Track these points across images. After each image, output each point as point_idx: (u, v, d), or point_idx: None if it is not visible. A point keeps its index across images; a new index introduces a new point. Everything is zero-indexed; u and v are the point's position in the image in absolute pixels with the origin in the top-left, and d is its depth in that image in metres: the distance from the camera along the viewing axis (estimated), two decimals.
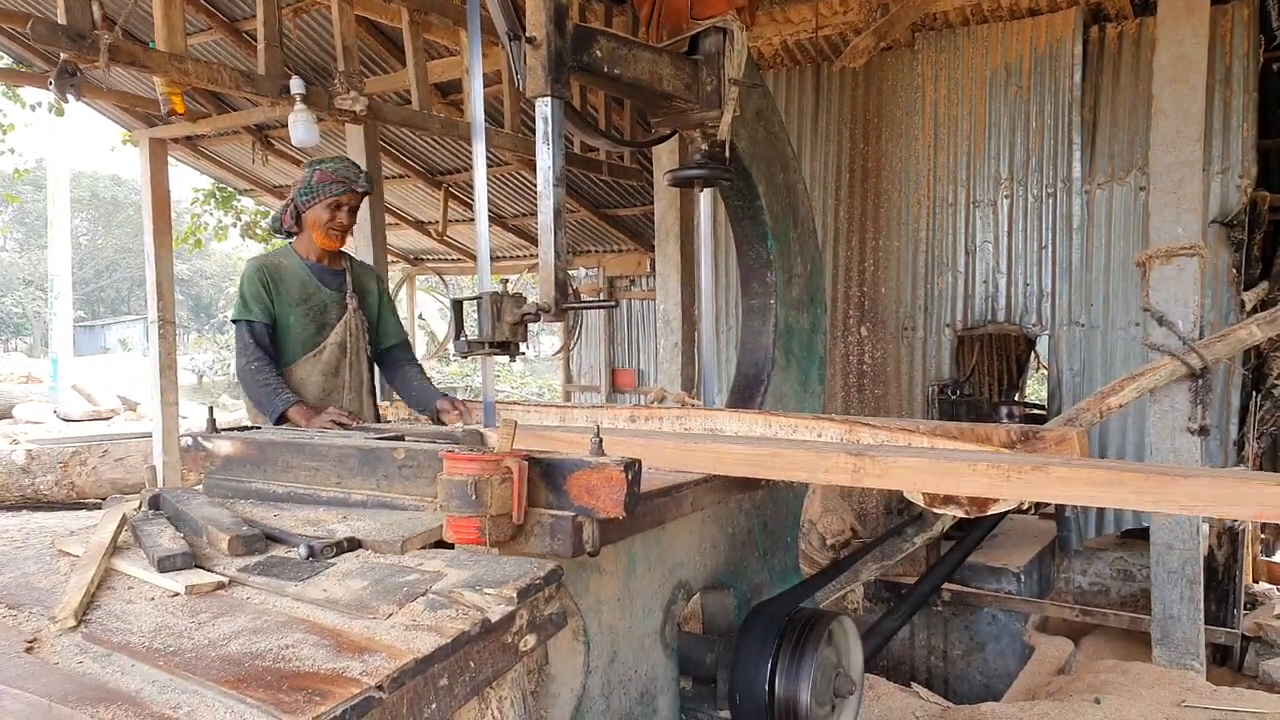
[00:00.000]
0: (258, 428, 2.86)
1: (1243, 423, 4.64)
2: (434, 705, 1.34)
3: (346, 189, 3.30)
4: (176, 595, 1.62)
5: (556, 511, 1.79)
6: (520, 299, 2.54)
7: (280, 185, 9.36)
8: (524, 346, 2.59)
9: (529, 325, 2.53)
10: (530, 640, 1.57)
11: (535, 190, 2.45)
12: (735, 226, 3.42)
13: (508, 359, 2.60)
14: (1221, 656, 4.82)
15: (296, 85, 4.60)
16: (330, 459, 2.16)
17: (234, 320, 3.30)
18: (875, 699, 3.95)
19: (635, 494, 1.77)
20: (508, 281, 2.71)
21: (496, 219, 9.59)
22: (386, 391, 3.88)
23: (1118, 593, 5.11)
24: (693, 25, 3.01)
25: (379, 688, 1.23)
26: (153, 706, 1.20)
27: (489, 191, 3.01)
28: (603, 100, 6.48)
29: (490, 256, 2.75)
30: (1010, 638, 4.92)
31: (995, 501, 2.05)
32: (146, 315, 7.55)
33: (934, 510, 2.22)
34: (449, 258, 11.24)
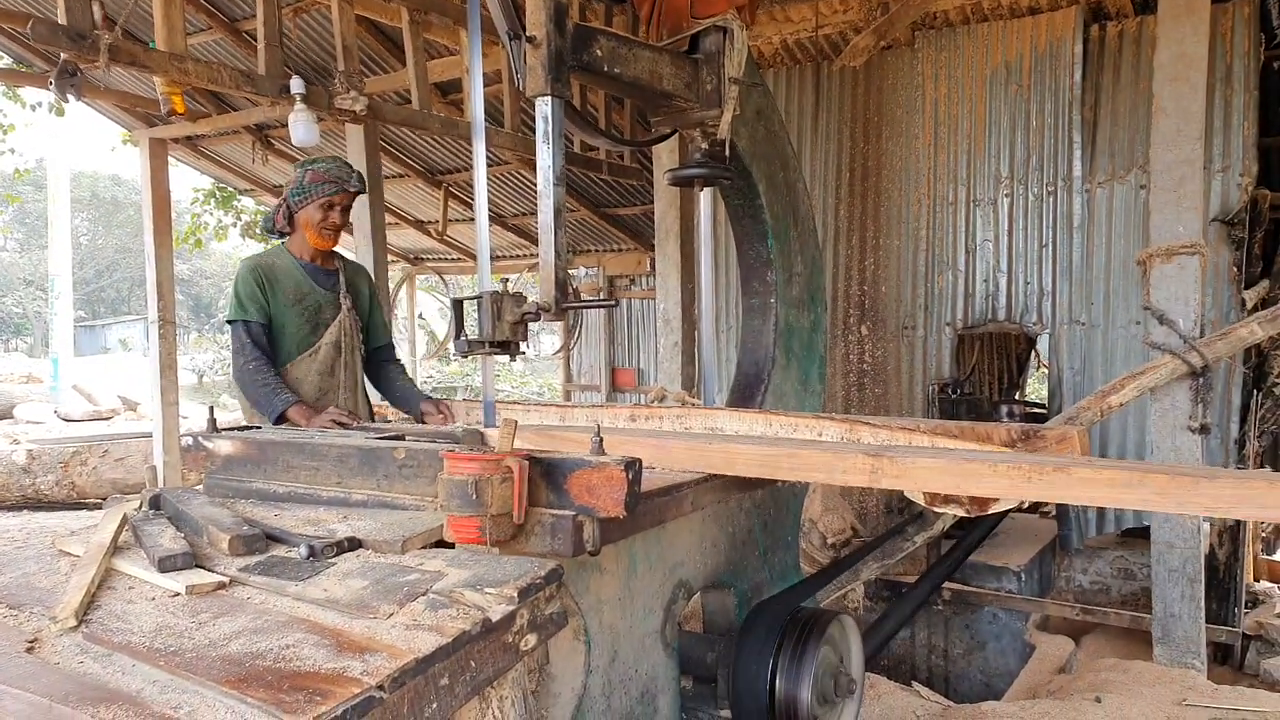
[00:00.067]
0: (258, 427, 2.86)
1: (1243, 421, 4.63)
2: (435, 705, 1.34)
3: (339, 189, 3.30)
4: (177, 595, 1.62)
5: (557, 511, 1.79)
6: (520, 298, 2.54)
7: (280, 185, 9.31)
8: (524, 346, 2.59)
9: (529, 324, 2.53)
10: (531, 640, 1.57)
11: (535, 189, 2.45)
12: (735, 225, 3.42)
13: (508, 358, 2.60)
14: (1222, 655, 4.82)
15: (296, 85, 4.60)
16: (331, 459, 2.16)
17: (230, 321, 3.29)
18: (876, 698, 3.95)
19: (636, 493, 1.77)
20: (508, 281, 2.71)
21: (496, 218, 9.59)
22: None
23: (1118, 591, 5.11)
24: (693, 24, 3.01)
25: (380, 687, 1.23)
26: (153, 707, 1.20)
27: (489, 191, 3.01)
28: (603, 99, 6.48)
29: (490, 256, 2.75)
30: (1011, 636, 4.91)
31: (996, 501, 2.04)
32: (147, 315, 7.55)
33: (934, 509, 2.22)
34: (449, 257, 11.24)
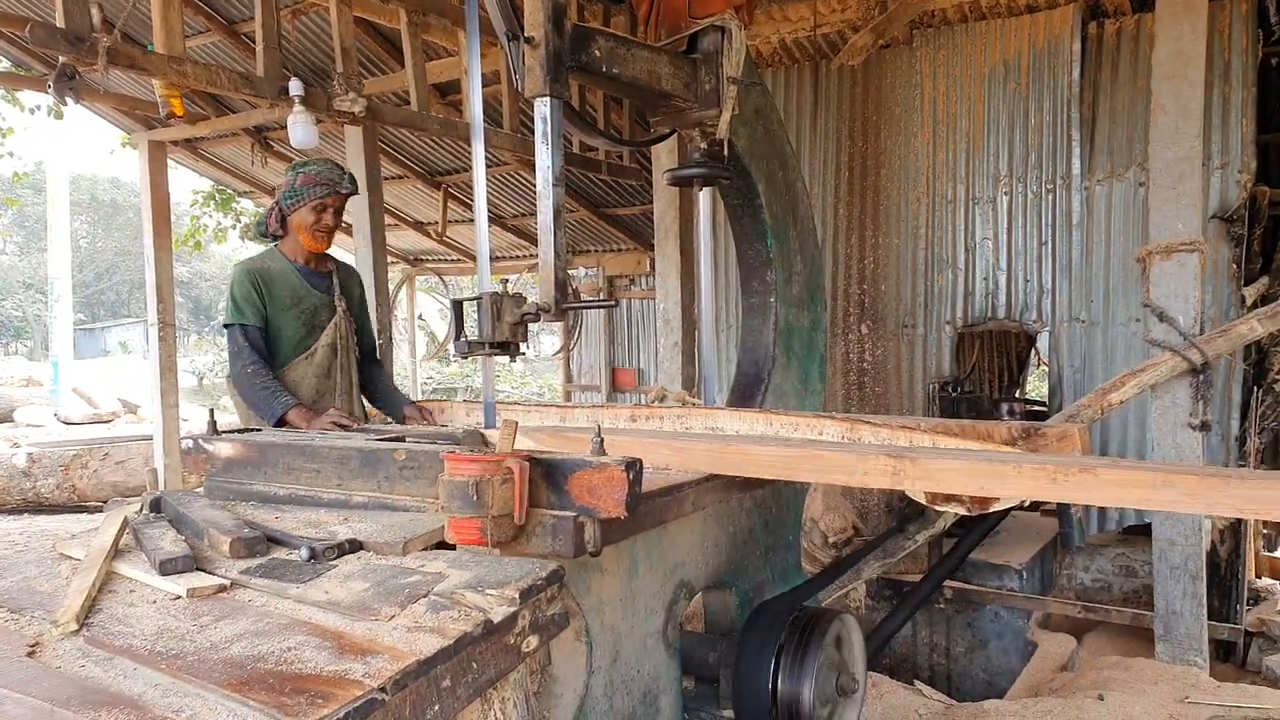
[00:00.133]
0: (258, 430, 2.86)
1: (1244, 418, 4.63)
2: (436, 707, 1.33)
3: (331, 191, 3.30)
4: (178, 598, 1.61)
5: (558, 512, 1.79)
6: (520, 299, 2.54)
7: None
8: (524, 346, 2.59)
9: (529, 325, 2.54)
10: (533, 641, 1.57)
11: (534, 190, 2.45)
12: (735, 225, 3.42)
13: (508, 359, 2.60)
14: (1224, 652, 4.81)
15: (295, 87, 4.60)
16: (331, 461, 2.15)
17: (227, 325, 3.29)
18: (878, 697, 3.95)
19: (636, 494, 1.77)
20: (507, 281, 2.70)
21: (496, 219, 9.59)
22: None
23: (1120, 589, 5.11)
24: (691, 24, 3.01)
25: (381, 690, 1.23)
26: (155, 710, 1.20)
27: (488, 192, 3.01)
28: (601, 100, 6.48)
29: (490, 256, 2.75)
30: (1013, 635, 4.91)
31: (997, 499, 2.04)
32: (146, 318, 7.55)
33: (936, 508, 2.21)
34: (448, 258, 11.24)
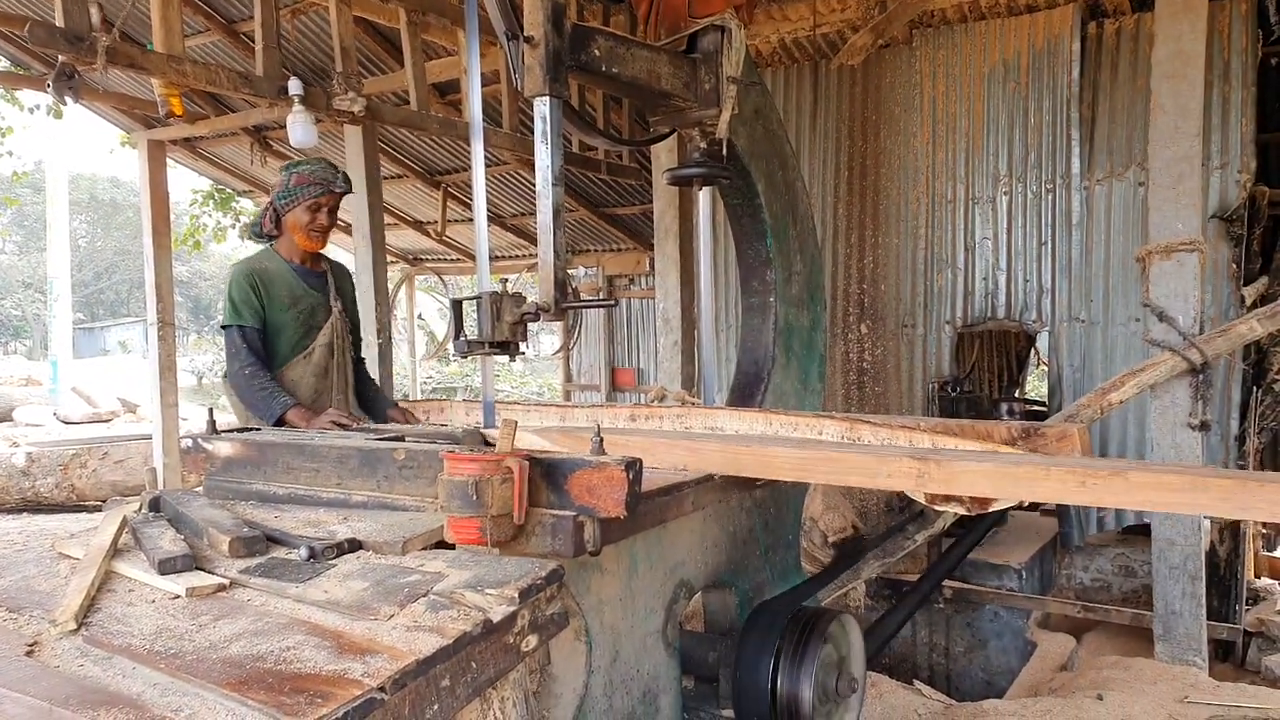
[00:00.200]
0: (257, 429, 2.86)
1: (1244, 418, 4.63)
2: (436, 706, 1.33)
3: (325, 190, 3.31)
4: (177, 597, 1.61)
5: (558, 511, 1.79)
6: (520, 298, 2.54)
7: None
8: (524, 346, 2.59)
9: (528, 325, 2.53)
10: (532, 640, 1.57)
11: (534, 190, 2.45)
12: (734, 224, 3.42)
13: (507, 359, 2.60)
14: (1224, 652, 4.81)
15: (295, 86, 4.60)
16: (330, 460, 2.15)
17: (225, 326, 3.29)
18: (878, 697, 3.95)
19: (636, 493, 1.77)
20: (507, 281, 2.70)
21: (495, 218, 9.59)
22: None
23: (1119, 589, 5.11)
24: (691, 23, 3.01)
25: (381, 689, 1.23)
26: (154, 709, 1.20)
27: (488, 191, 3.01)
28: (601, 99, 6.48)
29: (489, 256, 2.75)
30: (1012, 634, 4.91)
31: (996, 499, 2.04)
32: (146, 317, 7.55)
33: (935, 507, 2.21)
34: (448, 258, 11.24)
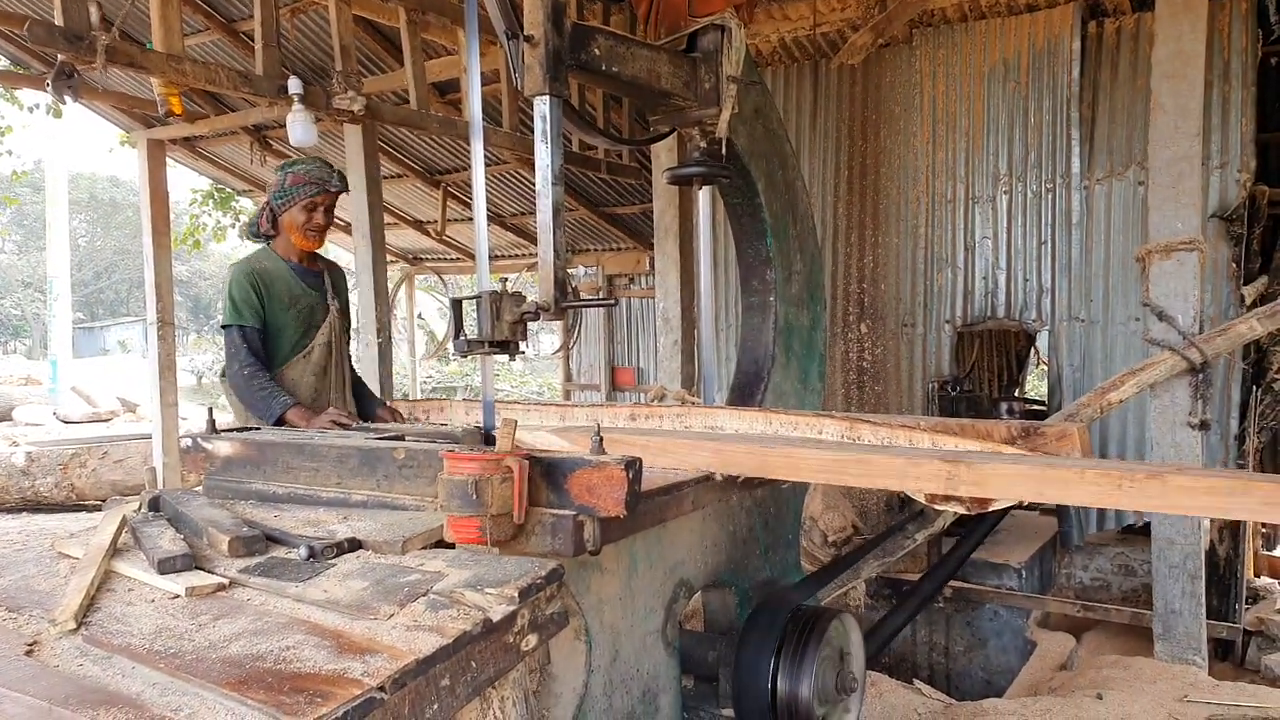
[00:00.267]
0: (256, 429, 2.86)
1: (1243, 417, 4.63)
2: (436, 706, 1.33)
3: (320, 189, 3.32)
4: (177, 597, 1.61)
5: (557, 510, 1.79)
6: (519, 298, 2.53)
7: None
8: (523, 345, 2.58)
9: (528, 324, 2.53)
10: (532, 640, 1.57)
11: (534, 189, 2.45)
12: (734, 224, 3.42)
13: (507, 358, 2.60)
14: (1223, 651, 4.82)
15: (294, 85, 4.59)
16: (330, 459, 2.15)
17: (225, 326, 3.29)
18: (877, 696, 3.95)
19: (636, 492, 1.77)
20: (507, 280, 2.70)
21: (495, 218, 9.58)
22: None
23: (1119, 588, 5.11)
24: (691, 23, 3.01)
25: (380, 689, 1.23)
26: (153, 709, 1.20)
27: (487, 190, 3.01)
28: (601, 98, 6.48)
29: (489, 255, 2.74)
30: (1012, 634, 4.91)
31: (996, 499, 2.04)
32: (145, 317, 7.54)
33: (935, 507, 2.21)
34: (448, 257, 11.23)
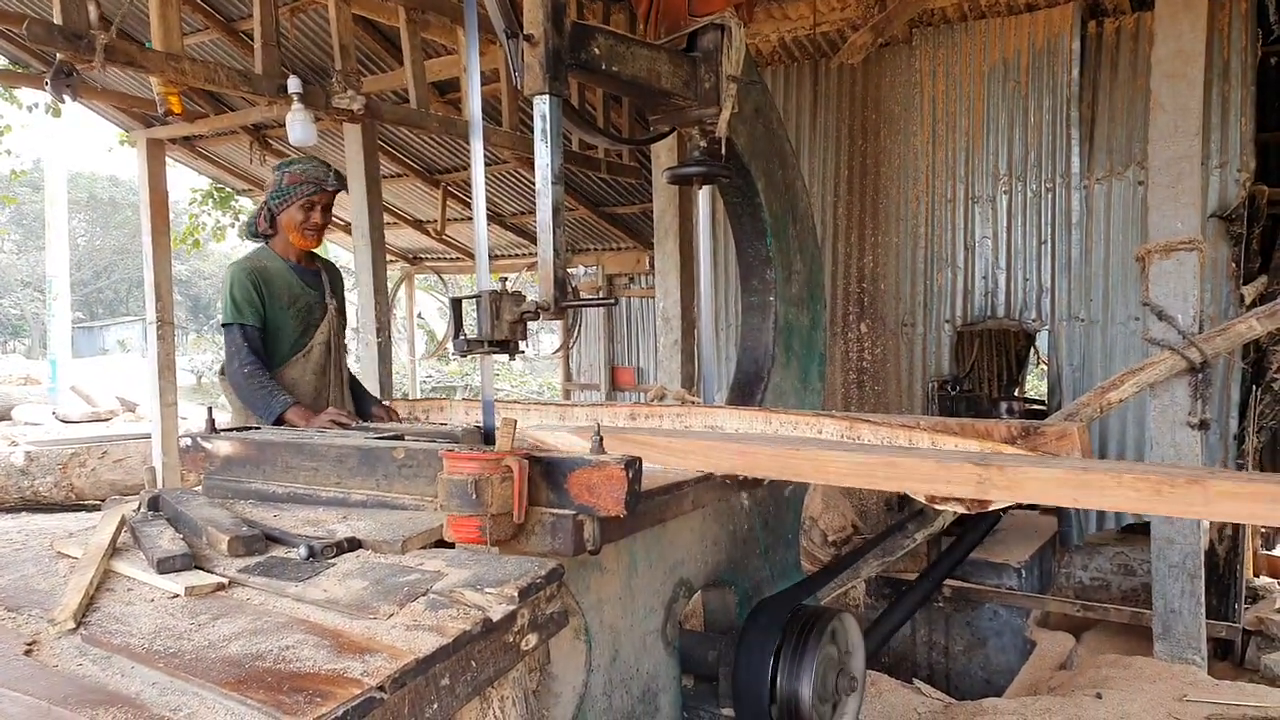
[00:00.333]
0: (256, 428, 2.86)
1: (1243, 416, 4.63)
2: (435, 705, 1.33)
3: (317, 188, 3.32)
4: (176, 597, 1.61)
5: (557, 510, 1.79)
6: (519, 297, 2.53)
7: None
8: (523, 345, 2.58)
9: (528, 323, 2.53)
10: (532, 639, 1.56)
11: (533, 188, 2.45)
12: (734, 223, 3.42)
13: (507, 357, 2.59)
14: (1223, 651, 4.82)
15: (294, 85, 4.59)
16: (330, 459, 2.15)
17: (225, 324, 3.30)
18: (877, 695, 3.95)
19: (636, 492, 1.76)
20: (507, 280, 2.70)
21: (495, 217, 9.58)
22: None
23: (1119, 588, 5.11)
24: (691, 22, 3.00)
25: (380, 688, 1.23)
26: (153, 709, 1.20)
27: (487, 190, 3.01)
28: (601, 98, 6.47)
29: (489, 255, 2.74)
30: (1012, 633, 4.91)
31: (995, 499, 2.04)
32: (145, 316, 7.54)
33: (934, 506, 2.21)
34: (448, 256, 11.23)
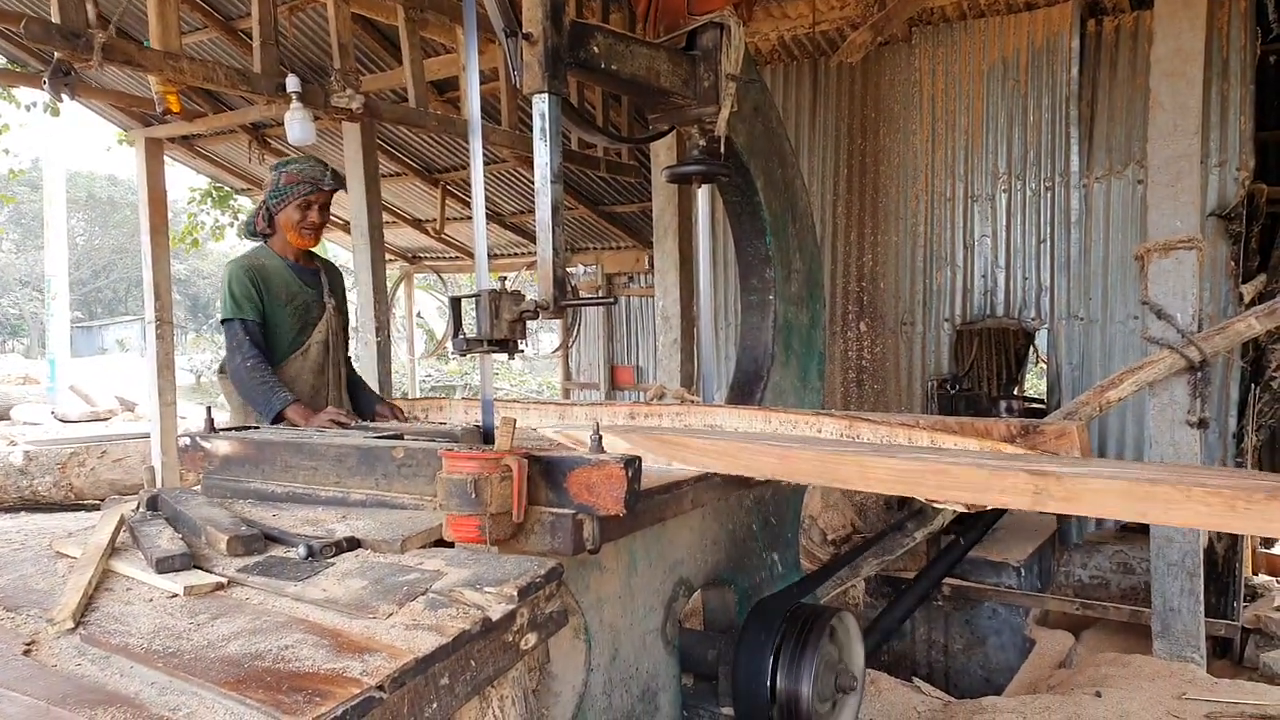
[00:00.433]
0: (255, 427, 2.85)
1: (1241, 415, 4.64)
2: (435, 705, 1.33)
3: (315, 188, 3.33)
4: (175, 596, 1.61)
5: (557, 509, 1.79)
6: (519, 296, 2.53)
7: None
8: (523, 344, 2.58)
9: (527, 322, 2.53)
10: (531, 639, 1.56)
11: (533, 187, 2.44)
12: (734, 222, 3.42)
13: (506, 356, 2.59)
14: (1222, 649, 4.82)
15: (293, 83, 4.59)
16: (329, 458, 2.15)
17: (225, 320, 3.30)
18: (877, 694, 3.95)
19: (635, 491, 1.76)
20: (506, 279, 2.70)
21: (494, 216, 9.58)
22: None
23: (1118, 586, 5.11)
24: (690, 21, 3.00)
25: (379, 688, 1.23)
26: (152, 709, 1.20)
27: (486, 189, 3.00)
28: (600, 97, 6.47)
29: (488, 254, 2.74)
30: (1011, 632, 4.91)
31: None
32: (144, 315, 7.53)
33: (934, 505, 2.21)
34: (447, 256, 11.22)
